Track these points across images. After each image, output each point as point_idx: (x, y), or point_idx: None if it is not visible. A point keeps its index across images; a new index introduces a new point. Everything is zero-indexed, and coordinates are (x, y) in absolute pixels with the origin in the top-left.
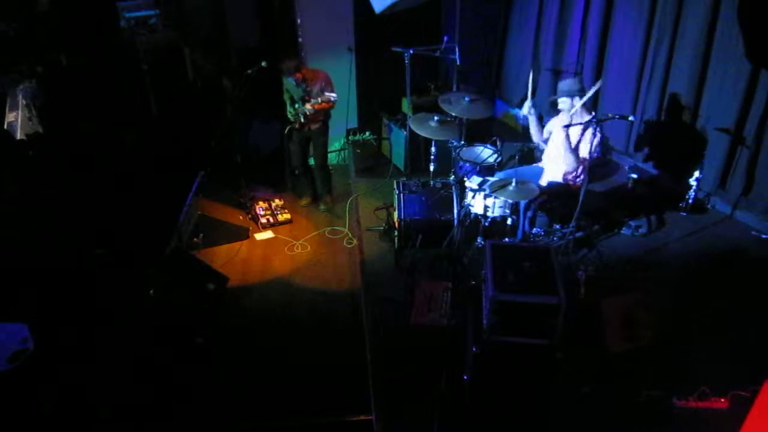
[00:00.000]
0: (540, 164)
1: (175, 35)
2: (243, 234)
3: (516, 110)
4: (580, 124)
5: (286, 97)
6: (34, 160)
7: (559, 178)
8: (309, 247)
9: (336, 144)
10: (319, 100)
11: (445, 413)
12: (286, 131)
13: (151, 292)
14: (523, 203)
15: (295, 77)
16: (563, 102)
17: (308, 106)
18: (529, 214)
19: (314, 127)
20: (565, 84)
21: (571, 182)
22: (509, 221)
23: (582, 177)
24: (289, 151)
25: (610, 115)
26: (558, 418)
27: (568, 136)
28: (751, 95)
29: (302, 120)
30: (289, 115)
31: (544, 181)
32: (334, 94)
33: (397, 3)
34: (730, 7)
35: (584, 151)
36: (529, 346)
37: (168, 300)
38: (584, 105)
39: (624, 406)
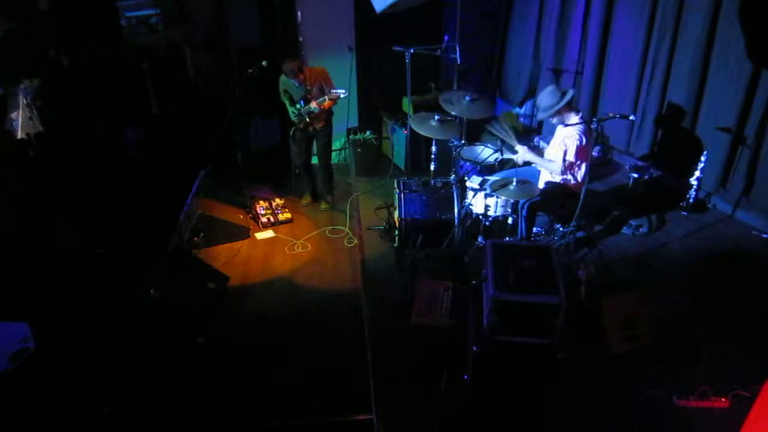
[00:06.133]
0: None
1: (175, 34)
2: (243, 233)
3: (517, 109)
4: (579, 124)
5: (284, 98)
6: (35, 159)
7: (556, 179)
8: (309, 247)
9: (337, 143)
10: (326, 98)
11: (445, 413)
12: (291, 133)
13: (152, 291)
14: (522, 203)
15: (298, 78)
16: (550, 115)
17: (314, 104)
18: (524, 213)
19: (318, 126)
20: (545, 99)
21: (570, 182)
22: (510, 220)
23: (583, 179)
24: (291, 151)
25: (611, 114)
26: (558, 418)
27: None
28: (752, 95)
29: (307, 120)
30: (292, 116)
31: (541, 182)
32: (342, 91)
33: (398, 2)
34: (731, 6)
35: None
36: (529, 346)
37: (168, 299)
38: (569, 105)
39: (624, 406)
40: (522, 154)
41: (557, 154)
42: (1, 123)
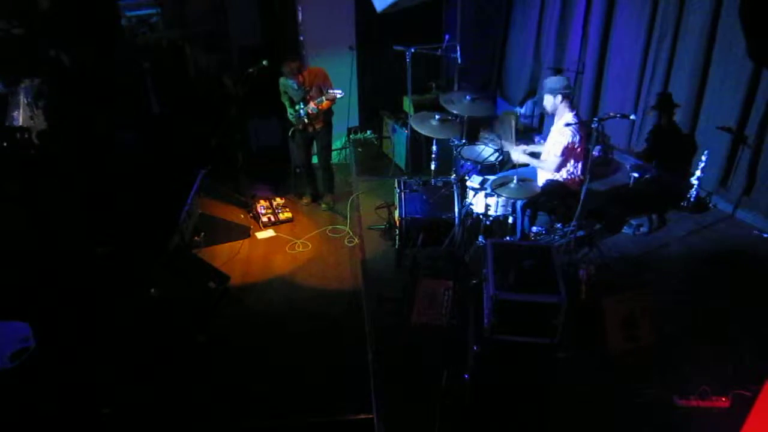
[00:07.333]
0: None
1: (176, 34)
2: (244, 233)
3: (518, 108)
4: (579, 123)
5: (284, 99)
6: (36, 158)
7: (556, 177)
8: (310, 246)
9: (337, 143)
10: (323, 98)
11: (445, 413)
12: (290, 133)
13: (153, 290)
14: (520, 202)
15: (297, 79)
16: (546, 99)
17: (312, 105)
18: (528, 212)
19: (318, 127)
20: (549, 81)
21: (569, 181)
22: (510, 220)
23: (580, 176)
24: (291, 151)
25: (611, 114)
26: (558, 418)
27: (571, 140)
28: (753, 94)
29: (306, 121)
30: (291, 117)
31: (541, 181)
32: (339, 91)
33: (399, 2)
34: (732, 6)
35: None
36: (529, 346)
37: (169, 299)
38: (566, 102)
39: (624, 406)
40: (516, 156)
41: (548, 151)
42: (2, 122)
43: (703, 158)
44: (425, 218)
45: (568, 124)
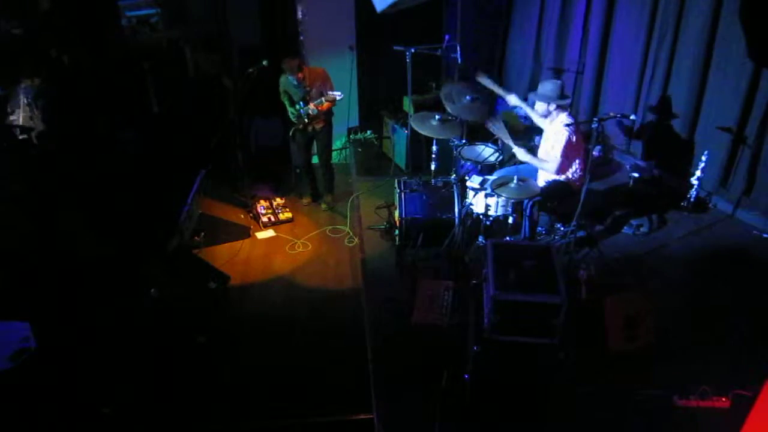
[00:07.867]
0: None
1: (176, 34)
2: (244, 233)
3: (518, 109)
4: (582, 122)
5: (284, 98)
6: (36, 159)
7: (556, 177)
8: (310, 246)
9: (337, 143)
10: (323, 100)
11: (445, 413)
12: (290, 133)
13: (152, 290)
14: (526, 203)
15: (297, 77)
16: (540, 105)
17: (312, 106)
18: (528, 213)
19: (318, 127)
20: (544, 87)
21: (569, 182)
22: (510, 220)
23: (581, 175)
24: (291, 151)
25: (611, 114)
26: (558, 418)
27: (569, 140)
28: (753, 94)
29: (306, 121)
30: (291, 117)
31: (541, 180)
32: (339, 93)
33: (399, 2)
34: (732, 6)
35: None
36: (530, 346)
37: (169, 299)
38: (560, 105)
39: (624, 406)
40: (519, 155)
41: (548, 153)
42: (2, 122)
43: (703, 158)
44: (425, 218)
45: (567, 125)
